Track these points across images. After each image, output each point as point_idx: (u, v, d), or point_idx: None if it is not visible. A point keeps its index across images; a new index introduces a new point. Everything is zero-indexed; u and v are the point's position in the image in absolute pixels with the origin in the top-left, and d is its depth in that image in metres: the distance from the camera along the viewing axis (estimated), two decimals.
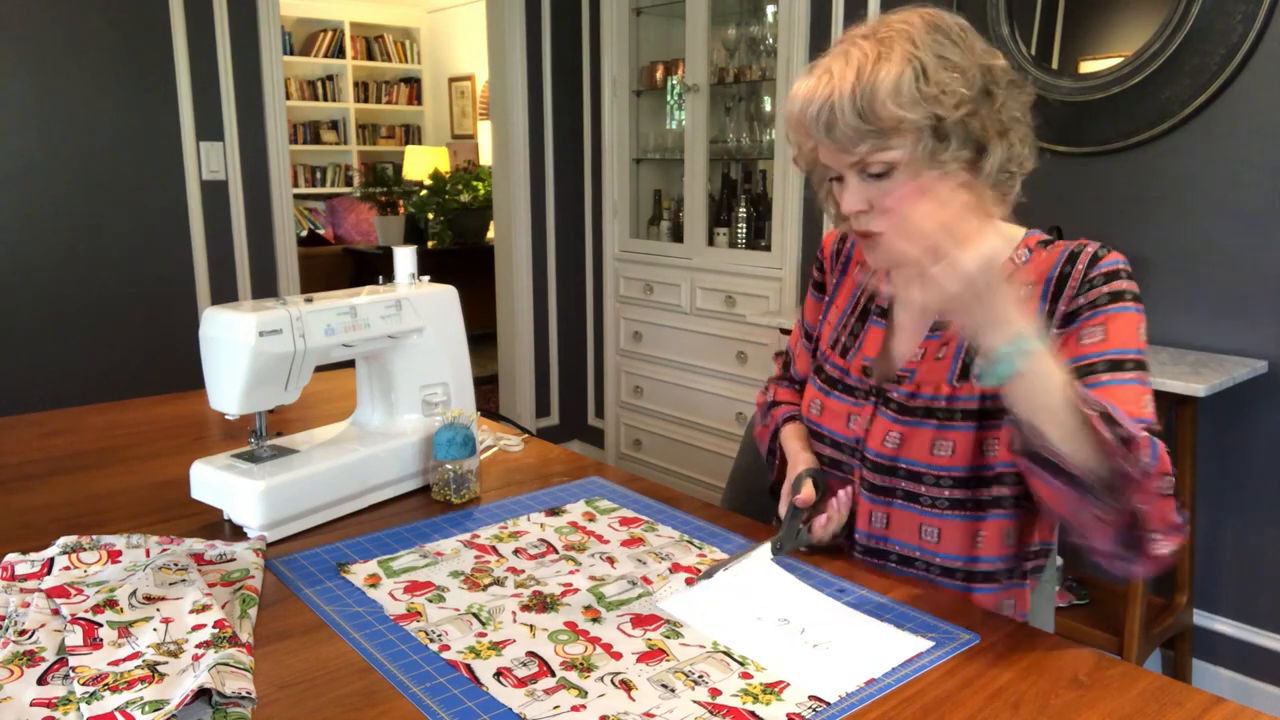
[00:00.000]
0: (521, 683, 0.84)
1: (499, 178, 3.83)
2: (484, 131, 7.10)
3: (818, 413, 1.20)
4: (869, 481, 1.13)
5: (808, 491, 1.12)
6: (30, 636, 0.88)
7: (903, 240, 0.83)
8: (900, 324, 1.16)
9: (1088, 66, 2.29)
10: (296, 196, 6.60)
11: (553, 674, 0.85)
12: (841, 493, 1.14)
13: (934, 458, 1.07)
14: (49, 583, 0.98)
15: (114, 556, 1.04)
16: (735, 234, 3.20)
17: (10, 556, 1.03)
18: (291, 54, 7.06)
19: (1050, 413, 0.86)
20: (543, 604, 0.99)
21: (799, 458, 1.20)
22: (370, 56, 7.54)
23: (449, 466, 1.28)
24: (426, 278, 1.42)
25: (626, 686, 0.83)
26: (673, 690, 0.83)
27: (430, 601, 0.99)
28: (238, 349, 1.13)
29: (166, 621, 0.90)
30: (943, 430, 1.07)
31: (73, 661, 0.83)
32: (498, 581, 1.04)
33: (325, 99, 7.37)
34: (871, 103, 0.96)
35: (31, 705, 0.78)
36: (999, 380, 0.86)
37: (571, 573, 1.07)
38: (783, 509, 1.14)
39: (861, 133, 0.97)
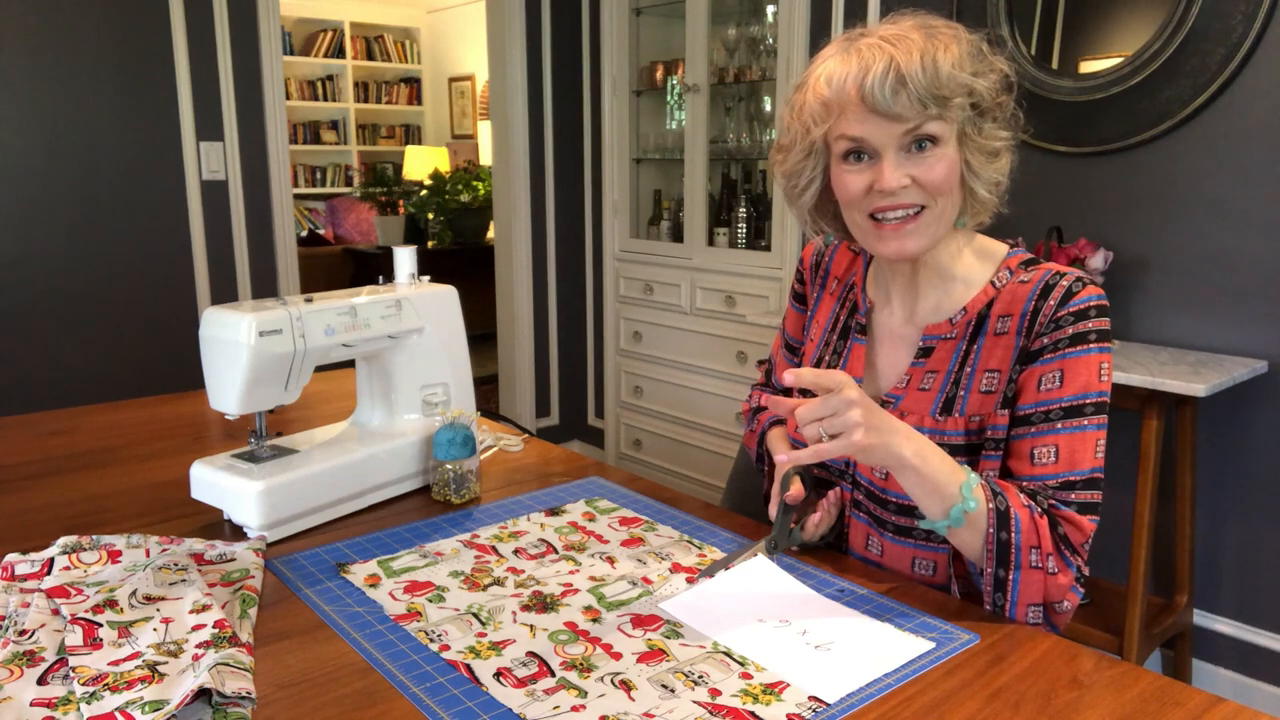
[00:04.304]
0: (521, 683, 0.84)
1: (499, 178, 3.83)
2: (484, 131, 7.10)
3: None
4: (865, 506, 1.13)
5: (797, 488, 1.11)
6: (30, 636, 0.88)
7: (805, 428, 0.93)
8: (880, 338, 1.16)
9: (1088, 66, 2.29)
10: (296, 196, 6.60)
11: (553, 674, 0.85)
12: (831, 493, 1.14)
13: None
14: (49, 583, 0.98)
15: (114, 556, 1.04)
16: (735, 234, 3.20)
17: (10, 556, 1.03)
18: (291, 54, 7.07)
19: (976, 541, 0.98)
20: (543, 604, 0.99)
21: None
22: (370, 56, 7.55)
23: (449, 466, 1.28)
24: (426, 278, 1.42)
25: (626, 686, 0.83)
26: (673, 690, 0.83)
27: (430, 601, 0.99)
28: (238, 349, 1.12)
29: (166, 621, 0.90)
30: None
31: (73, 661, 0.83)
32: (498, 581, 1.04)
33: (325, 99, 7.37)
34: (938, 70, 0.96)
35: (31, 705, 0.78)
36: (940, 529, 0.98)
37: (571, 573, 1.07)
38: (773, 509, 1.14)
39: (927, 98, 0.97)
